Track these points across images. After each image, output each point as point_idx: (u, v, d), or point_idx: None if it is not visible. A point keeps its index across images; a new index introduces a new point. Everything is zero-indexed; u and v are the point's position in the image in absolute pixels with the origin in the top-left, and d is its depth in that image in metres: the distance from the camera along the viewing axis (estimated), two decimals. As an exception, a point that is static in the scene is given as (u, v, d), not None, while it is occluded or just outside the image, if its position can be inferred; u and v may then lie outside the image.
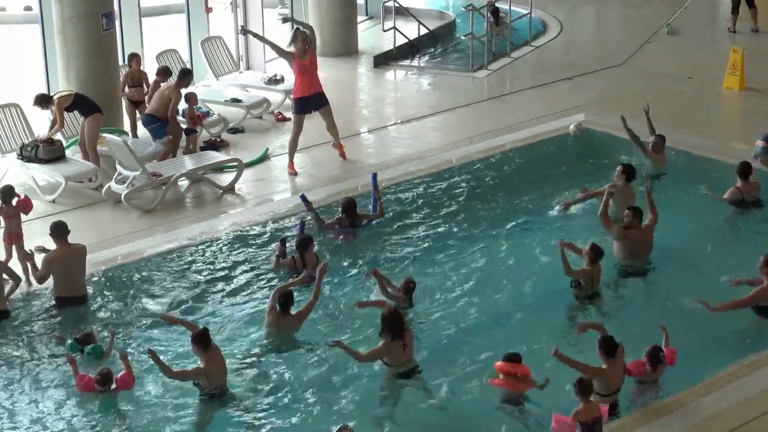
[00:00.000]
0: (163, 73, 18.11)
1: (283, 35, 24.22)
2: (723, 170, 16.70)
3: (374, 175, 15.24)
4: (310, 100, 17.14)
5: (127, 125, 18.33)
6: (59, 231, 13.05)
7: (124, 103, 18.16)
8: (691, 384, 11.24)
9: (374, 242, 14.58)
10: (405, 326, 11.34)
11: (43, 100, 16.61)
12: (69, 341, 11.97)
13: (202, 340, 11.04)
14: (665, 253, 13.91)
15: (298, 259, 13.65)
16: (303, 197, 15.06)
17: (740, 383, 11.31)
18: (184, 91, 17.64)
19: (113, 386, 11.02)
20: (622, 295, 13.27)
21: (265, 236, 14.82)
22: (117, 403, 11.04)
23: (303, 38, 16.88)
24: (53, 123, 16.65)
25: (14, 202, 13.67)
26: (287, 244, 13.92)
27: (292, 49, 16.94)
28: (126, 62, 18.45)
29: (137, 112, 18.05)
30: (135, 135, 17.97)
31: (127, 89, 18.02)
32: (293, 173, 17.13)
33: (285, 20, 17.69)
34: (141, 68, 18.38)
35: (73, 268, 13.03)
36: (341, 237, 14.55)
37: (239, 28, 19.59)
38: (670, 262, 13.79)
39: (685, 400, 11.00)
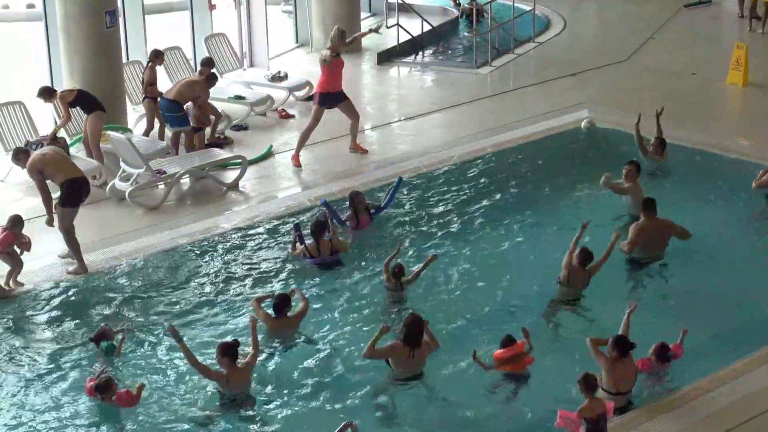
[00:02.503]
0: (208, 63, 18.21)
1: (286, 31, 24.34)
2: (727, 166, 16.72)
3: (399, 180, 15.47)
4: (334, 96, 17.25)
5: (130, 122, 18.33)
6: None
7: (141, 102, 18.09)
8: (697, 379, 11.22)
9: (376, 237, 14.58)
10: (420, 341, 11.21)
11: (46, 93, 16.63)
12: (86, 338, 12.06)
13: (230, 351, 10.91)
14: (671, 248, 13.89)
15: (312, 247, 13.68)
16: (325, 203, 14.90)
17: (747, 378, 11.29)
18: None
19: (113, 397, 10.82)
20: (630, 289, 13.26)
21: (269, 233, 14.83)
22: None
23: (345, 36, 17.22)
24: (66, 120, 16.62)
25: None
26: (302, 230, 14.01)
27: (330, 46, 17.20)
28: (148, 60, 18.29)
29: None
30: (148, 134, 17.90)
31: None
32: (297, 165, 17.15)
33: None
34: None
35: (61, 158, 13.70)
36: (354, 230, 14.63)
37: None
38: (676, 256, 13.78)
39: (691, 396, 10.99)
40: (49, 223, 13.70)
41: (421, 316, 11.36)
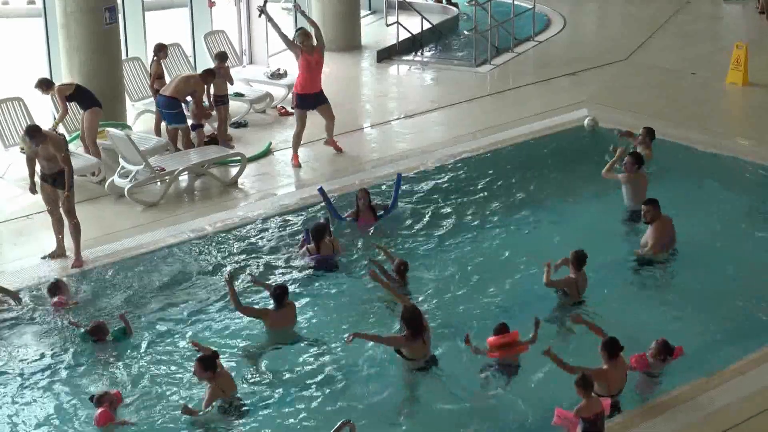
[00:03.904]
0: (221, 58, 18.24)
1: (286, 28, 24.31)
2: (727, 165, 16.72)
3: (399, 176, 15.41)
4: (310, 98, 17.15)
5: (129, 119, 18.34)
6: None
7: (153, 96, 18.03)
8: (696, 378, 11.23)
9: (377, 235, 14.57)
10: (425, 323, 11.33)
11: (44, 84, 16.68)
12: (81, 331, 12.00)
13: (213, 363, 10.81)
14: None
15: (312, 249, 13.73)
16: (321, 190, 15.05)
17: (746, 378, 11.29)
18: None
19: (98, 412, 10.65)
20: (632, 290, 13.24)
21: (268, 230, 14.83)
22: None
23: (308, 35, 16.97)
24: (64, 113, 16.61)
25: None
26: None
27: (297, 43, 17.01)
28: (153, 55, 18.31)
29: None
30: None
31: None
32: (297, 166, 17.16)
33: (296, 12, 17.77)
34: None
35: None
36: (362, 226, 14.69)
37: (258, 7, 18.51)
38: (677, 256, 13.77)
39: (689, 396, 10.99)
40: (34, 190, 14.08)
41: (414, 305, 11.46)
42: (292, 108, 17.43)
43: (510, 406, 10.97)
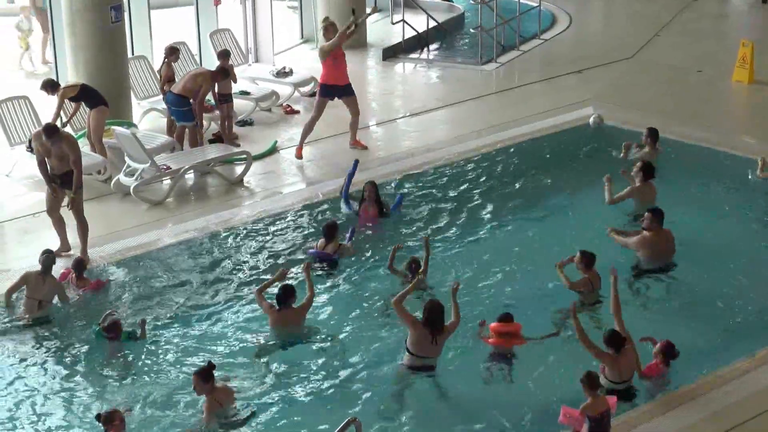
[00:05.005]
0: (225, 55, 18.21)
1: (291, 26, 24.33)
2: (732, 164, 16.70)
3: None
4: (339, 89, 17.29)
5: (135, 117, 18.34)
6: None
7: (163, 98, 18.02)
8: (699, 377, 11.23)
9: (380, 234, 14.58)
10: (442, 325, 11.27)
11: (49, 86, 16.67)
12: (96, 328, 12.00)
13: (209, 374, 10.64)
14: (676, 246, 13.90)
15: (321, 244, 13.75)
16: (355, 164, 15.35)
17: (749, 378, 11.28)
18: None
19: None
20: (637, 289, 13.22)
21: (273, 229, 14.84)
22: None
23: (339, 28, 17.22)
24: (56, 115, 16.58)
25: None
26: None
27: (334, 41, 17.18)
28: (164, 57, 18.34)
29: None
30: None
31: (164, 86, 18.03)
32: (299, 157, 17.18)
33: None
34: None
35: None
36: (368, 225, 14.71)
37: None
38: (681, 254, 13.75)
39: (693, 394, 10.98)
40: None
41: (441, 302, 11.38)
42: (318, 96, 17.43)
43: (516, 404, 10.97)
